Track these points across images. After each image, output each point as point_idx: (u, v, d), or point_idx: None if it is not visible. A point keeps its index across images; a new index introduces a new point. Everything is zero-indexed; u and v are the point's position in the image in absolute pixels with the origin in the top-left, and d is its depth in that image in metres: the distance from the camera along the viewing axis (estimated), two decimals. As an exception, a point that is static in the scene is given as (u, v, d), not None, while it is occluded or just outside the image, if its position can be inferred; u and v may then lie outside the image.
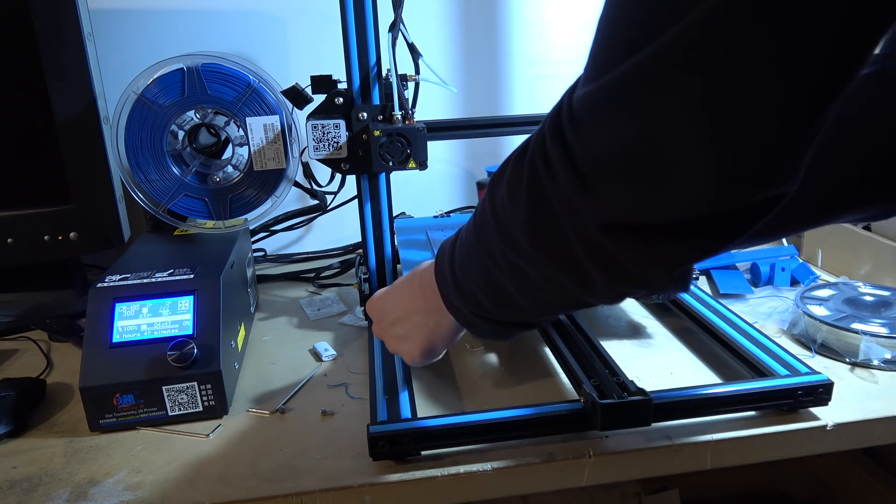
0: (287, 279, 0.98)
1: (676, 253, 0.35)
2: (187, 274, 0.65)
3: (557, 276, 0.39)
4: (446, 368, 0.69)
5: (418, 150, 0.69)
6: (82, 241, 0.79)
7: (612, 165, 0.32)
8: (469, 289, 0.46)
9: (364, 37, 0.66)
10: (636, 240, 0.34)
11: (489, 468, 0.52)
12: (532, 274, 0.40)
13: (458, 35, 1.06)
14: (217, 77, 0.70)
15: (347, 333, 0.79)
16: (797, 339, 0.72)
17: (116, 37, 0.96)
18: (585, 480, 0.54)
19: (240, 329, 0.71)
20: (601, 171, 0.33)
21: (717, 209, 0.32)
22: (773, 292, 0.84)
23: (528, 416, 0.54)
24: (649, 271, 0.36)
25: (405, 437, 0.52)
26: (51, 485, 0.53)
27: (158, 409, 0.60)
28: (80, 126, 0.75)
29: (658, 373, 0.66)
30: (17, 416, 0.61)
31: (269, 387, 0.67)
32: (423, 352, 0.54)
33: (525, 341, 0.74)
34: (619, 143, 0.31)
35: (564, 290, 0.40)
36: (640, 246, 0.34)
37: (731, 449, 0.56)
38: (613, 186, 0.33)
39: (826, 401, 0.57)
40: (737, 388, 0.57)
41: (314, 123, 0.68)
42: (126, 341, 0.61)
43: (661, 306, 0.82)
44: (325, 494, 0.51)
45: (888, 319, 0.69)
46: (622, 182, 0.32)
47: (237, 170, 0.75)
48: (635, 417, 0.53)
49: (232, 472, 0.53)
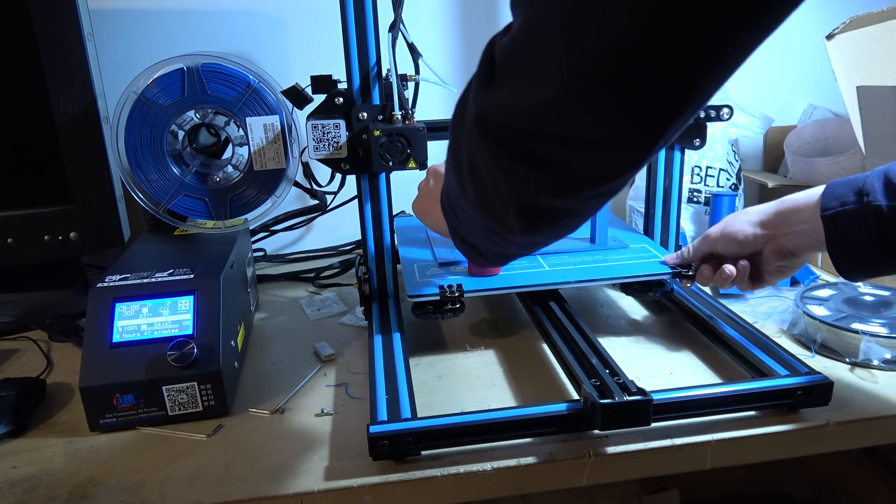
0: (287, 279, 0.98)
1: (529, 177, 0.35)
2: (187, 274, 0.65)
3: (454, 180, 0.43)
4: (446, 368, 0.69)
5: (418, 150, 0.69)
6: (82, 241, 0.79)
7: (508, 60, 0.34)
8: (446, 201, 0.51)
9: (364, 37, 0.66)
10: (500, 143, 0.35)
11: (489, 468, 0.52)
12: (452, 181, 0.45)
13: (458, 35, 1.06)
14: (217, 77, 0.70)
15: (347, 333, 0.79)
16: (797, 339, 0.72)
17: (116, 37, 0.96)
18: (585, 480, 0.54)
19: (240, 329, 0.71)
20: (504, 60, 0.34)
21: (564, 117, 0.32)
22: (773, 292, 0.84)
23: (528, 416, 0.54)
24: (499, 188, 0.37)
25: (405, 437, 0.52)
26: (51, 485, 0.53)
27: (158, 409, 0.60)
28: (80, 126, 0.75)
29: (658, 373, 0.66)
30: (17, 416, 0.61)
31: (269, 387, 0.67)
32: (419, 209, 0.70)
33: (525, 341, 0.74)
34: (512, 39, 0.34)
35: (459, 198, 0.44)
36: (501, 149, 0.35)
37: (731, 449, 0.55)
38: (507, 77, 0.34)
39: (826, 401, 0.57)
40: (737, 388, 0.57)
41: (314, 123, 0.68)
42: (126, 341, 0.61)
43: (660, 306, 0.82)
44: (325, 494, 0.51)
45: (888, 319, 0.69)
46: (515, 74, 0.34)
47: (237, 170, 0.75)
48: (635, 417, 0.53)
49: (232, 472, 0.53)
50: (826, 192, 0.57)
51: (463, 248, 0.53)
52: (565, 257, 0.77)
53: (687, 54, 0.29)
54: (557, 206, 0.38)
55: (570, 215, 0.40)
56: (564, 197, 0.37)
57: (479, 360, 0.71)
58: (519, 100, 0.33)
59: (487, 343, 0.74)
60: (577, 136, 0.33)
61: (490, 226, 0.42)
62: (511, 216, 0.38)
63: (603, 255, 0.78)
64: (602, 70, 0.30)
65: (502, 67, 0.35)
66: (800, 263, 0.64)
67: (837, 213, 0.55)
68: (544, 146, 0.34)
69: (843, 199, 0.55)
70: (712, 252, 0.69)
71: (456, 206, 0.47)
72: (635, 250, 0.79)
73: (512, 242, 0.44)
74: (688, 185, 0.98)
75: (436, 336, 0.77)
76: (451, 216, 0.50)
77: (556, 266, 0.75)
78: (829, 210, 0.56)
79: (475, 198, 0.40)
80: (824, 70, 0.93)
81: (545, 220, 0.39)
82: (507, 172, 0.36)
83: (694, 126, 0.78)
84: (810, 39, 1.13)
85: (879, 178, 0.54)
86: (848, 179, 0.56)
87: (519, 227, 0.39)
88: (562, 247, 0.80)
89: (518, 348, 0.73)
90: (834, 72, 0.90)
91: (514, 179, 0.36)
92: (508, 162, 0.36)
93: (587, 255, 0.77)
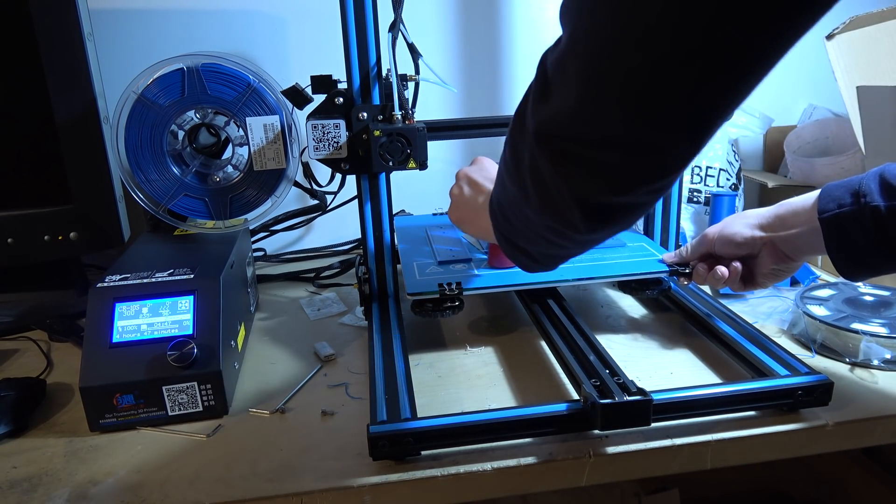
0: (287, 279, 0.98)
1: (588, 181, 0.38)
2: (187, 274, 0.65)
3: (513, 187, 0.45)
4: (446, 368, 0.69)
5: (418, 150, 0.69)
6: (82, 241, 0.79)
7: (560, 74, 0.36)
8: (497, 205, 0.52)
9: (364, 37, 0.66)
10: (560, 153, 0.38)
11: (489, 468, 0.52)
12: (509, 188, 0.46)
13: (458, 35, 1.06)
14: (217, 77, 0.70)
15: (347, 333, 0.79)
16: (797, 339, 0.72)
17: (116, 37, 0.96)
18: (585, 480, 0.54)
19: (240, 329, 0.71)
20: (556, 73, 0.37)
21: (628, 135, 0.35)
22: (773, 292, 0.84)
23: (528, 416, 0.54)
24: (561, 192, 0.39)
25: (405, 437, 0.52)
26: (51, 485, 0.53)
27: (158, 409, 0.60)
28: (80, 126, 0.75)
29: (658, 373, 0.66)
30: (17, 416, 0.61)
31: (269, 387, 0.67)
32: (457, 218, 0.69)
33: (524, 339, 0.74)
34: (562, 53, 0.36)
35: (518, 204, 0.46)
36: (561, 159, 0.38)
37: (731, 449, 0.56)
38: (560, 89, 0.36)
39: (826, 401, 0.57)
40: (737, 388, 0.57)
41: (314, 123, 0.68)
42: (126, 341, 0.61)
43: (660, 306, 0.82)
44: (325, 494, 0.51)
45: (888, 319, 0.69)
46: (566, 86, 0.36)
47: (237, 170, 0.75)
48: (635, 417, 0.53)
49: (232, 472, 0.53)
50: (822, 195, 0.57)
51: (512, 253, 0.53)
52: None
53: (726, 61, 0.31)
54: (617, 203, 0.40)
55: (630, 210, 0.42)
56: (622, 195, 0.39)
57: (479, 359, 0.71)
58: (570, 110, 0.36)
59: (486, 341, 0.74)
60: (626, 140, 0.35)
61: (553, 227, 0.44)
62: (575, 216, 0.40)
63: (601, 253, 0.78)
64: (644, 80, 0.33)
65: (554, 80, 0.37)
66: (794, 268, 0.65)
67: (835, 214, 0.56)
68: (600, 153, 0.36)
69: (839, 202, 0.56)
70: (710, 252, 0.69)
71: (510, 212, 0.48)
72: (633, 249, 0.79)
73: (575, 241, 0.46)
74: (688, 184, 0.98)
75: (436, 335, 0.77)
76: (503, 222, 0.51)
77: None
78: (827, 212, 0.56)
79: (538, 202, 0.42)
80: (824, 70, 0.93)
81: (607, 215, 0.41)
82: (566, 178, 0.39)
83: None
84: (810, 39, 1.12)
85: (875, 178, 0.54)
86: (843, 182, 0.57)
87: (584, 224, 0.41)
88: None
89: (518, 347, 0.73)
90: (834, 72, 0.90)
91: (574, 185, 0.39)
92: (567, 169, 0.38)
93: (585, 254, 0.77)
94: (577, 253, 0.52)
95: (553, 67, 0.37)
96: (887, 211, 0.53)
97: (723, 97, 0.34)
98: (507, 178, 0.46)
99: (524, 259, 0.53)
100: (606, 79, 0.34)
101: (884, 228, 0.53)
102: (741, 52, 0.31)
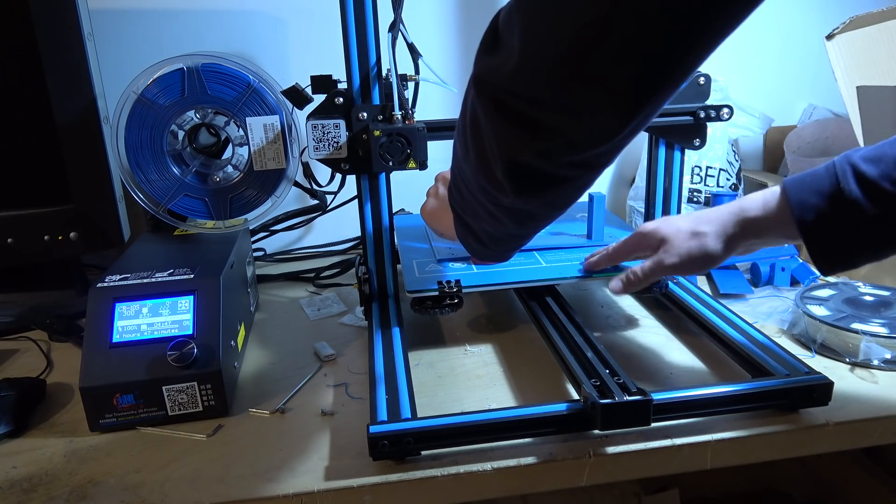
0: (287, 279, 0.98)
1: (515, 136, 0.40)
2: (187, 274, 0.65)
3: (458, 143, 0.47)
4: (446, 368, 0.69)
5: (418, 150, 0.69)
6: (82, 241, 0.79)
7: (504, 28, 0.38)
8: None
9: (364, 37, 0.66)
10: (494, 102, 0.40)
11: (489, 468, 0.52)
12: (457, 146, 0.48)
13: (458, 35, 1.06)
14: (217, 77, 0.70)
15: (347, 333, 0.79)
16: (797, 339, 0.72)
17: (116, 37, 0.96)
18: (585, 480, 0.54)
19: (240, 329, 0.71)
20: (504, 26, 0.38)
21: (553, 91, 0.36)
22: (773, 292, 0.84)
23: (529, 416, 0.54)
24: (492, 145, 0.41)
25: (405, 437, 0.52)
26: (51, 485, 0.53)
27: (158, 409, 0.60)
28: (80, 126, 0.75)
29: (658, 373, 0.66)
30: (17, 416, 0.61)
31: (269, 387, 0.67)
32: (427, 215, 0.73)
33: (524, 338, 0.74)
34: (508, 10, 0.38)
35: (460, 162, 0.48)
36: (494, 109, 0.40)
37: (731, 449, 0.56)
38: (505, 42, 0.38)
39: (826, 401, 0.57)
40: (737, 388, 0.57)
41: (314, 123, 0.68)
42: (126, 341, 0.61)
43: (660, 305, 0.82)
44: (325, 494, 0.51)
45: (888, 319, 0.69)
46: (510, 39, 0.37)
47: (237, 170, 0.75)
48: (635, 417, 0.53)
49: (232, 472, 0.53)
50: (794, 202, 0.53)
51: (462, 234, 0.54)
52: (562, 253, 0.78)
53: (657, 28, 0.33)
54: (540, 169, 0.41)
55: (555, 182, 0.43)
56: (544, 160, 0.40)
57: (478, 359, 0.71)
58: (509, 63, 0.37)
59: (486, 339, 0.74)
60: (549, 100, 0.37)
61: (484, 187, 0.46)
62: (499, 171, 0.42)
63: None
64: (575, 42, 0.34)
65: (501, 35, 0.39)
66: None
67: (818, 225, 0.52)
68: (527, 108, 0.38)
69: (818, 210, 0.52)
70: (640, 255, 0.66)
71: (458, 176, 0.50)
72: None
73: (508, 211, 0.47)
74: (688, 185, 0.98)
75: (435, 334, 0.77)
76: (455, 193, 0.52)
77: (553, 262, 0.75)
78: (808, 222, 0.52)
79: (475, 155, 0.44)
80: (824, 70, 0.93)
81: (529, 179, 0.42)
82: (495, 128, 0.41)
83: (694, 126, 0.78)
84: (810, 39, 1.13)
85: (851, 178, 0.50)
86: (809, 182, 0.53)
87: (508, 183, 0.42)
88: (558, 243, 0.80)
89: (517, 347, 0.73)
90: (834, 72, 0.90)
91: (501, 135, 0.41)
92: (497, 118, 0.40)
93: (583, 252, 0.77)
94: (519, 235, 0.53)
95: (501, 23, 0.39)
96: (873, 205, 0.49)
97: (647, 80, 0.35)
98: (456, 136, 0.48)
99: (472, 242, 0.54)
100: (545, 40, 0.35)
101: (874, 232, 0.50)
102: (671, 38, 0.33)
